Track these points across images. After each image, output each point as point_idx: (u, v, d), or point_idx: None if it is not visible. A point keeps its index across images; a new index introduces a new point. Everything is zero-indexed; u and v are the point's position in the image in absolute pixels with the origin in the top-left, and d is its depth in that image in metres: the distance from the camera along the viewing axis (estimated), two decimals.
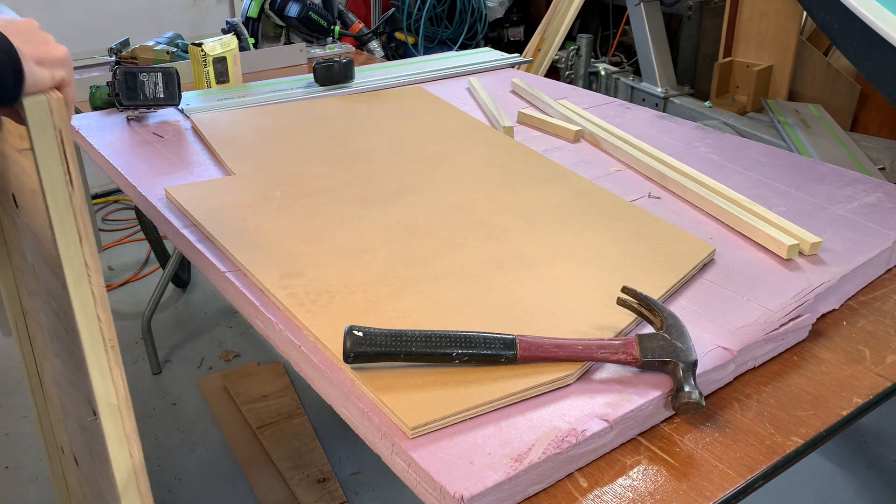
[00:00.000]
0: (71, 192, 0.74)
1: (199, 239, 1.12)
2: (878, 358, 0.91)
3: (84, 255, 0.77)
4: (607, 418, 0.76)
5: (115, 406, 0.84)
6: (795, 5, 2.81)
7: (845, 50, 2.11)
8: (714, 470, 0.75)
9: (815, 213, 1.20)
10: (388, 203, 1.21)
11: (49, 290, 0.95)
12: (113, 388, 0.83)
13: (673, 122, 1.63)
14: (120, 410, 0.84)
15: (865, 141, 2.59)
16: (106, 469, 0.91)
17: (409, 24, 3.92)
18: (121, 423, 0.85)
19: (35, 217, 0.87)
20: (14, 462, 2.08)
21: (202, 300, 2.84)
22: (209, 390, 2.32)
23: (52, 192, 0.74)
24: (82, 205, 0.76)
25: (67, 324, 0.88)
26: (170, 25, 3.59)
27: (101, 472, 0.99)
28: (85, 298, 0.79)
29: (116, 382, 0.83)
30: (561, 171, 1.33)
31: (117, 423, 0.85)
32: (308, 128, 1.55)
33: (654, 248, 1.07)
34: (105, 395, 0.83)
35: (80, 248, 0.76)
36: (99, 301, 0.79)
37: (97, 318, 0.79)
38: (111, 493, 0.93)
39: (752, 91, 2.98)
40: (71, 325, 0.82)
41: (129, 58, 2.13)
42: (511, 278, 0.99)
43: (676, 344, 0.82)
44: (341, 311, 0.92)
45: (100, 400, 0.83)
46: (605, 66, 3.45)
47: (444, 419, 0.75)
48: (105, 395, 0.83)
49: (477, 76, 1.99)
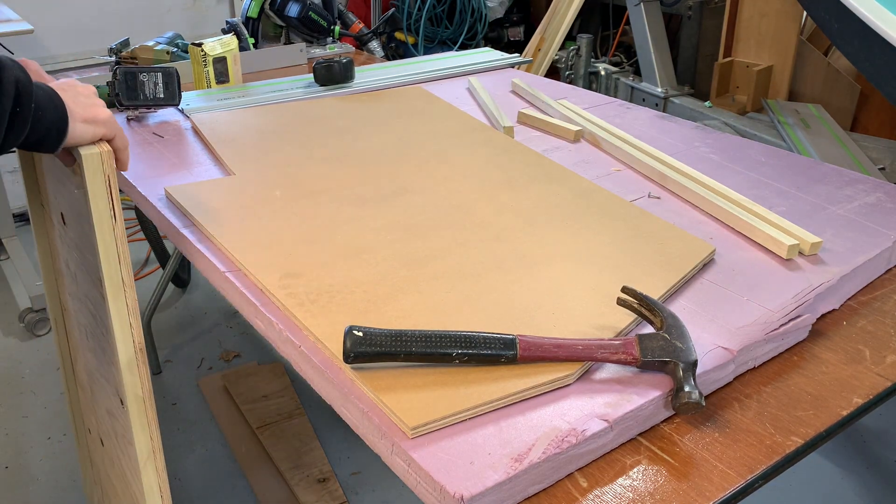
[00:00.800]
0: (114, 224, 0.93)
1: (199, 239, 1.12)
2: (878, 358, 0.91)
3: (122, 273, 0.96)
4: (607, 418, 0.76)
5: (140, 397, 1.02)
6: (795, 5, 2.81)
7: (845, 50, 2.12)
8: (714, 470, 0.75)
9: (815, 213, 1.20)
10: (388, 203, 1.21)
11: (88, 296, 1.10)
12: (139, 382, 1.00)
13: (673, 122, 1.63)
14: (144, 401, 1.02)
15: (865, 141, 2.59)
16: (129, 451, 1.09)
17: (409, 24, 3.92)
18: (144, 413, 1.02)
19: (80, 235, 1.03)
20: (14, 462, 2.08)
21: (202, 300, 2.84)
22: (209, 390, 2.32)
23: (100, 223, 0.92)
24: (122, 233, 0.94)
25: (103, 326, 1.03)
26: (170, 25, 3.59)
27: (124, 452, 1.16)
28: (120, 308, 0.96)
29: (143, 378, 1.00)
30: (561, 171, 1.33)
31: (141, 412, 1.02)
32: (308, 128, 1.55)
33: (654, 248, 1.07)
34: (132, 388, 1.00)
35: (118, 267, 0.95)
36: (132, 311, 0.97)
37: (129, 325, 0.97)
38: (132, 470, 1.11)
39: (752, 91, 2.98)
40: (107, 328, 0.99)
41: (129, 58, 2.13)
42: (511, 278, 0.99)
43: (676, 344, 0.82)
44: (341, 311, 0.92)
45: (128, 392, 1.00)
46: (605, 66, 3.45)
47: (444, 419, 0.75)
48: (132, 387, 1.00)
49: (477, 76, 1.99)
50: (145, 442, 1.05)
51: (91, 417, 1.39)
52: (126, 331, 0.98)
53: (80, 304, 1.20)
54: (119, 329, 0.97)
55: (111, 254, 0.94)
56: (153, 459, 1.07)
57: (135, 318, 0.98)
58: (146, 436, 1.05)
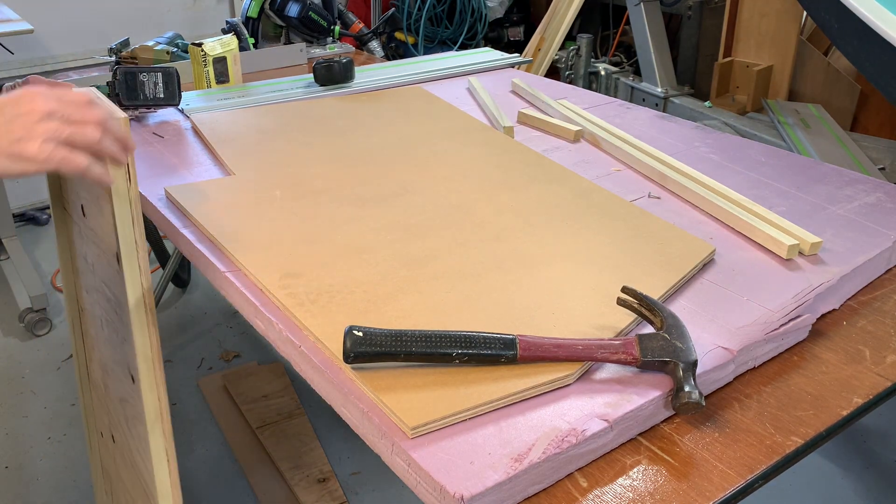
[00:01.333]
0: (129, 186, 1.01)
1: (199, 239, 1.12)
2: (878, 358, 0.91)
3: (135, 232, 1.03)
4: (607, 418, 0.76)
5: (149, 357, 1.09)
6: (795, 5, 2.81)
7: (845, 50, 2.12)
8: (714, 470, 0.75)
9: (815, 213, 1.20)
10: (388, 203, 1.21)
11: (105, 281, 1.17)
12: (149, 343, 1.08)
13: (673, 122, 1.63)
14: (153, 362, 1.09)
15: (865, 141, 2.59)
16: (139, 429, 1.16)
17: (409, 24, 3.92)
18: (152, 372, 1.10)
19: (100, 221, 1.11)
20: (14, 462, 2.08)
21: (202, 300, 2.84)
22: (209, 390, 2.32)
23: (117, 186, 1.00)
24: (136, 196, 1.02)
25: (118, 303, 1.12)
26: (170, 25, 3.59)
27: (133, 434, 1.22)
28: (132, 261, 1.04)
29: (152, 338, 1.08)
30: (561, 171, 1.33)
31: (150, 372, 1.09)
32: (308, 128, 1.55)
33: (654, 248, 1.07)
34: (142, 349, 1.08)
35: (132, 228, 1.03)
36: (143, 269, 1.06)
37: (140, 285, 1.05)
38: (141, 448, 1.18)
39: (752, 91, 2.98)
40: (122, 303, 1.08)
41: (129, 58, 2.13)
42: (511, 278, 0.99)
43: (676, 344, 0.82)
44: (341, 311, 0.92)
45: (139, 353, 1.08)
46: (605, 66, 3.45)
47: (444, 419, 0.75)
48: (142, 348, 1.08)
49: (477, 76, 1.99)
50: (153, 403, 1.10)
51: (104, 417, 1.43)
52: (139, 293, 1.05)
53: (96, 295, 1.25)
54: (132, 292, 1.04)
55: (125, 214, 1.01)
56: (160, 421, 1.11)
57: (146, 280, 1.05)
58: (154, 397, 1.10)
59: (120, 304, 1.09)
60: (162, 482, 1.14)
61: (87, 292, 1.33)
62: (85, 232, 1.22)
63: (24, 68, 3.29)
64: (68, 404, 2.29)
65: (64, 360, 2.50)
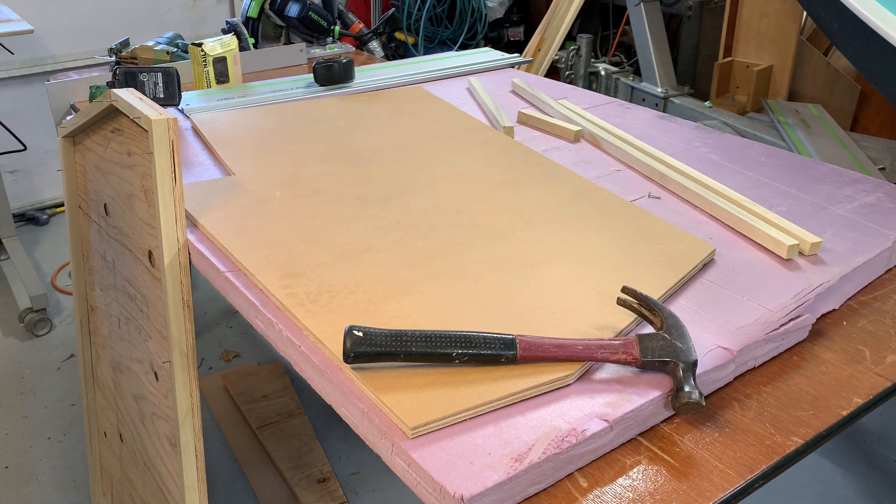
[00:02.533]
0: (174, 185, 1.05)
1: (199, 239, 1.12)
2: (878, 358, 0.91)
3: (177, 230, 1.07)
4: (607, 418, 0.76)
5: (185, 353, 1.09)
6: (795, 5, 2.81)
7: (845, 50, 2.11)
8: (714, 470, 0.75)
9: (815, 213, 1.20)
10: (388, 203, 1.21)
11: (128, 279, 1.19)
12: (185, 338, 1.09)
13: (673, 122, 1.63)
14: (188, 357, 1.10)
15: (865, 141, 2.58)
16: (159, 425, 1.18)
17: (409, 24, 3.92)
18: (187, 369, 1.11)
19: (130, 220, 1.12)
20: (14, 462, 2.08)
21: (202, 300, 2.84)
22: (209, 390, 2.32)
23: (162, 183, 1.03)
24: (181, 195, 1.06)
25: (144, 301, 1.13)
26: (170, 25, 3.59)
27: (150, 432, 1.23)
28: (173, 261, 1.07)
29: (188, 334, 1.09)
30: (561, 171, 1.33)
31: (184, 368, 1.10)
32: (308, 128, 1.55)
33: (654, 248, 1.07)
34: (178, 344, 1.08)
35: (175, 226, 1.06)
36: (183, 267, 1.07)
37: (180, 283, 1.07)
38: (160, 447, 1.19)
39: (752, 91, 2.98)
40: (150, 300, 1.09)
41: (129, 58, 2.13)
42: (511, 278, 0.99)
43: (676, 344, 0.82)
44: (341, 311, 0.92)
45: (175, 348, 1.08)
46: (605, 66, 3.45)
47: (444, 419, 0.75)
48: (178, 343, 1.08)
49: (477, 76, 1.99)
50: (185, 398, 1.12)
51: (110, 416, 1.43)
52: (177, 286, 1.07)
53: (114, 293, 1.26)
54: (171, 284, 1.06)
55: (169, 213, 1.04)
56: (191, 416, 1.13)
57: (185, 275, 1.08)
58: (187, 392, 1.12)
59: (147, 302, 1.10)
60: (190, 476, 1.16)
61: (101, 290, 1.33)
62: (107, 230, 1.23)
63: (24, 68, 3.29)
64: (68, 404, 2.29)
65: (64, 360, 2.50)
